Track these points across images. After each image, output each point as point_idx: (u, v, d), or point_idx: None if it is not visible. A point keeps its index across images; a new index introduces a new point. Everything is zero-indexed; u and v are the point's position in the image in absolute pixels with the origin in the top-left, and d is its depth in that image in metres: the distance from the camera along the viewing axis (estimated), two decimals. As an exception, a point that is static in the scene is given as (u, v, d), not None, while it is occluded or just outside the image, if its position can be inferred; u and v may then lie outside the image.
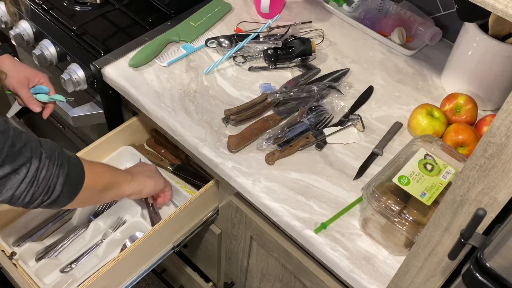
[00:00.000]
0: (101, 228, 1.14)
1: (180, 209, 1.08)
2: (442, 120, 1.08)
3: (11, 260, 1.01)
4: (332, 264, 0.93)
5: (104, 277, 0.99)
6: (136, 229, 1.12)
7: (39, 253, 1.08)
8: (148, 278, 1.86)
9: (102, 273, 0.98)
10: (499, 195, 0.56)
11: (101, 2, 1.39)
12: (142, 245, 1.03)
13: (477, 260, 0.58)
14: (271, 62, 1.22)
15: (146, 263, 1.10)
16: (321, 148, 1.07)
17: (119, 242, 1.11)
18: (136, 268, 1.08)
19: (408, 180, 0.90)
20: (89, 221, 1.14)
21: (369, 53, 1.30)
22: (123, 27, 1.32)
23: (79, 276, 1.07)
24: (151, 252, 1.10)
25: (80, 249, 1.11)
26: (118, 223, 1.15)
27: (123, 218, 1.16)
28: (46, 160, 0.82)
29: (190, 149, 1.08)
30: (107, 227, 1.14)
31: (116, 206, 1.14)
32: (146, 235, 1.04)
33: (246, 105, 1.12)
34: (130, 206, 1.15)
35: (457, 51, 1.17)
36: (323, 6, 1.40)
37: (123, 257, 1.00)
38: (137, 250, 1.03)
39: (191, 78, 1.19)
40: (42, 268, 1.05)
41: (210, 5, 1.36)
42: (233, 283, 1.38)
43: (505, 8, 0.51)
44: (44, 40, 1.29)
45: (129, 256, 1.02)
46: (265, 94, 1.14)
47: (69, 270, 1.07)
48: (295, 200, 0.98)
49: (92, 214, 1.16)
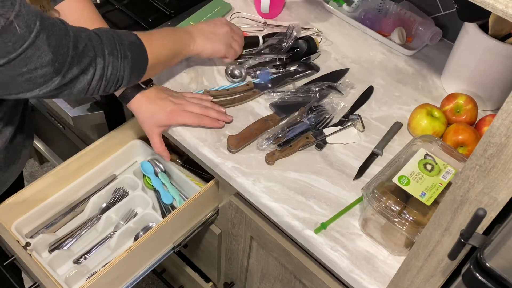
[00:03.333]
0: (113, 220, 1.15)
1: (180, 209, 1.08)
2: (442, 120, 1.08)
3: (26, 250, 1.03)
4: (332, 264, 0.93)
5: (118, 267, 1.00)
6: (148, 220, 1.13)
7: (52, 244, 1.09)
8: (148, 278, 1.86)
9: (115, 264, 0.98)
10: (499, 195, 0.56)
11: (101, 2, 1.39)
12: (155, 234, 1.04)
13: (477, 260, 0.58)
14: (279, 66, 1.22)
15: (146, 263, 1.10)
16: (321, 148, 1.07)
17: (132, 233, 1.12)
18: (136, 267, 1.08)
19: (408, 180, 0.90)
20: (101, 213, 1.15)
21: (369, 53, 1.30)
22: (123, 27, 1.32)
23: (91, 267, 1.08)
24: (151, 252, 1.10)
25: (93, 240, 1.13)
26: (130, 215, 1.16)
27: (135, 210, 1.17)
28: (109, 57, 0.86)
29: (190, 149, 1.08)
30: (118, 219, 1.15)
31: (128, 198, 1.16)
32: (159, 224, 1.05)
33: (227, 91, 1.13)
34: (141, 198, 1.16)
35: (457, 51, 1.17)
36: (323, 6, 1.40)
37: (136, 247, 1.01)
38: (149, 241, 1.04)
39: (191, 78, 1.19)
40: (55, 259, 1.06)
41: (210, 5, 1.36)
42: (233, 283, 1.38)
43: (505, 8, 0.51)
44: (44, 40, 1.29)
45: (142, 246, 1.03)
46: (250, 83, 1.15)
47: (82, 261, 1.08)
48: (295, 200, 0.98)
49: (104, 206, 1.17)
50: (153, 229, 1.04)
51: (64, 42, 0.78)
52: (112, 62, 0.87)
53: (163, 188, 1.19)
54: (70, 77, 0.81)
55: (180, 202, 1.17)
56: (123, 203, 1.14)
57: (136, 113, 1.05)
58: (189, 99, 1.09)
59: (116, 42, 0.88)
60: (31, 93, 0.79)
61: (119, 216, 1.15)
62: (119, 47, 0.88)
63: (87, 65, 0.83)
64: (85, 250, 1.10)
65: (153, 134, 1.06)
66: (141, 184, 1.18)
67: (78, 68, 0.81)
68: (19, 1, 0.71)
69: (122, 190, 1.19)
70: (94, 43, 0.84)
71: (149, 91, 1.04)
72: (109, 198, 1.18)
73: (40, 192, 1.10)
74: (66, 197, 1.15)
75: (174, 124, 1.07)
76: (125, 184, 1.20)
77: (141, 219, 1.12)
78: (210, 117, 1.07)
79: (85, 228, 1.13)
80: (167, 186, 1.20)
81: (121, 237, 1.10)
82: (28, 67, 0.74)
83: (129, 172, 1.22)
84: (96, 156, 1.17)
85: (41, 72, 0.76)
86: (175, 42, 1.05)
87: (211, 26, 1.13)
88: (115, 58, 0.87)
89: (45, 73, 0.77)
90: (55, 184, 1.12)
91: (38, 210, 1.11)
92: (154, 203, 1.17)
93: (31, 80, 0.76)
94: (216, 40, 1.11)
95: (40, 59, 0.75)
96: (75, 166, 1.14)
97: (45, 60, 0.76)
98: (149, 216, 1.13)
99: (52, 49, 0.76)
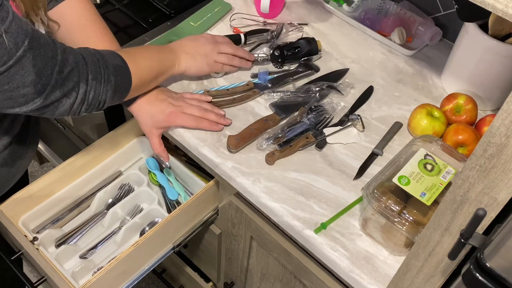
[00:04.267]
0: (118, 215, 1.15)
1: (180, 209, 1.08)
2: (442, 120, 1.08)
3: (33, 244, 1.04)
4: (332, 264, 0.93)
5: (124, 262, 1.00)
6: (153, 216, 1.14)
7: (59, 239, 1.10)
8: (148, 278, 1.86)
9: (122, 258, 0.99)
10: (499, 195, 0.56)
11: (101, 2, 1.39)
12: (161, 230, 1.05)
13: (477, 260, 0.58)
14: (278, 63, 1.22)
15: (146, 263, 1.10)
16: (321, 148, 1.07)
17: (138, 228, 1.13)
18: (136, 268, 1.08)
19: (408, 180, 0.90)
20: (107, 208, 1.16)
21: (369, 53, 1.30)
22: (123, 27, 1.32)
23: (98, 262, 1.09)
24: (151, 252, 1.10)
25: (99, 235, 1.13)
26: (136, 210, 1.16)
27: (140, 206, 1.17)
28: (93, 81, 0.86)
29: (190, 149, 1.08)
30: (124, 214, 1.16)
31: (133, 194, 1.16)
32: (164, 220, 1.05)
33: (227, 91, 1.13)
34: (147, 194, 1.17)
35: (457, 51, 1.17)
36: (323, 6, 1.40)
37: (142, 242, 1.02)
38: (155, 236, 1.04)
39: (191, 78, 1.19)
40: (62, 254, 1.07)
41: (210, 5, 1.36)
42: (233, 283, 1.38)
43: (505, 8, 0.51)
44: (44, 40, 1.29)
45: (148, 241, 1.04)
46: (250, 83, 1.15)
47: (88, 256, 1.09)
48: (295, 200, 0.98)
49: (110, 202, 1.18)
50: (159, 224, 1.04)
51: (50, 64, 0.78)
52: (95, 87, 0.87)
53: (168, 184, 1.19)
54: (52, 99, 0.81)
55: (186, 198, 1.17)
56: (129, 199, 1.15)
57: (136, 115, 1.05)
58: (189, 101, 1.08)
59: (101, 66, 0.88)
60: (12, 110, 0.79)
61: (125, 211, 1.16)
62: (104, 71, 0.88)
63: (70, 89, 0.83)
64: (92, 245, 1.11)
65: (152, 135, 1.06)
66: (146, 180, 1.18)
67: (61, 92, 0.82)
68: (10, 17, 0.71)
69: (128, 186, 1.20)
70: (80, 67, 0.84)
71: (149, 93, 1.04)
72: (115, 193, 1.19)
73: (47, 188, 1.11)
74: (72, 192, 1.16)
75: (173, 126, 1.07)
76: (130, 180, 1.20)
77: (147, 214, 1.13)
78: (209, 120, 1.07)
79: (91, 224, 1.14)
80: (172, 182, 1.20)
81: (127, 232, 1.11)
82: (10, 85, 0.75)
83: (134, 168, 1.23)
84: (101, 152, 1.18)
85: (22, 92, 0.77)
86: (159, 62, 1.03)
87: (194, 44, 1.12)
88: (98, 83, 0.87)
89: (27, 93, 0.77)
90: (61, 179, 1.13)
91: (45, 205, 1.12)
92: (160, 199, 1.18)
93: (12, 98, 0.77)
94: (199, 60, 1.11)
95: (23, 78, 0.75)
96: (81, 162, 1.15)
97: (27, 80, 0.76)
98: (155, 212, 1.14)
99: (36, 70, 0.76)
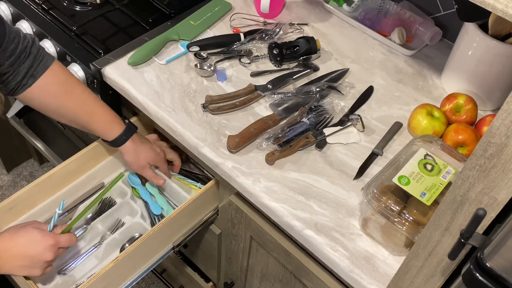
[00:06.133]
0: (99, 230, 1.14)
1: (180, 209, 1.08)
2: (442, 120, 1.08)
3: None
4: (332, 264, 0.93)
5: (104, 278, 0.99)
6: (135, 230, 1.13)
7: None
8: (148, 278, 1.86)
9: (101, 274, 0.98)
10: (499, 195, 0.56)
11: (101, 2, 1.39)
12: (141, 245, 1.03)
13: (477, 260, 0.58)
14: (277, 61, 1.22)
15: (146, 263, 1.10)
16: (321, 148, 1.07)
17: (118, 243, 1.11)
18: (136, 268, 1.08)
19: (408, 180, 0.90)
20: (87, 223, 1.13)
21: (369, 53, 1.30)
22: (123, 27, 1.32)
23: (78, 277, 1.07)
24: (151, 252, 1.10)
25: (79, 251, 1.11)
26: (117, 225, 1.15)
27: (122, 220, 1.16)
28: None
29: (190, 149, 1.08)
30: (105, 229, 1.14)
31: (115, 208, 1.15)
32: (145, 236, 1.04)
33: (228, 95, 1.13)
34: (129, 207, 1.15)
35: (457, 51, 1.17)
36: (323, 6, 1.40)
37: (122, 258, 1.00)
38: (136, 251, 1.03)
39: (191, 78, 1.19)
40: None
41: (210, 4, 1.36)
42: (233, 283, 1.38)
43: (505, 8, 0.51)
44: (44, 40, 1.29)
45: (128, 258, 1.02)
46: (251, 86, 1.14)
47: (67, 272, 1.07)
48: (295, 200, 0.98)
49: (90, 217, 1.16)
50: (139, 240, 1.03)
51: None
52: None
53: (151, 199, 1.19)
54: None
55: (168, 212, 1.16)
56: (109, 213, 1.14)
57: (126, 155, 1.11)
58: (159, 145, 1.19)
59: None
60: None
61: (105, 226, 1.14)
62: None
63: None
64: (71, 260, 1.09)
65: (144, 169, 1.13)
66: (129, 192, 1.17)
67: None
68: None
69: (109, 200, 1.18)
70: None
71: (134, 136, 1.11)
72: (96, 207, 1.17)
73: (28, 200, 1.10)
74: (53, 205, 1.14)
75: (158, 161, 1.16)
76: (113, 192, 1.19)
77: (128, 228, 1.12)
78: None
79: None
80: (155, 197, 1.19)
81: (109, 247, 1.10)
82: None
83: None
84: (84, 164, 1.17)
85: None
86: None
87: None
88: None
89: None
90: (42, 192, 1.12)
91: (26, 218, 1.11)
92: (143, 212, 1.16)
93: None
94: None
95: None
96: (62, 174, 1.14)
97: None
98: (137, 226, 1.12)
99: None
